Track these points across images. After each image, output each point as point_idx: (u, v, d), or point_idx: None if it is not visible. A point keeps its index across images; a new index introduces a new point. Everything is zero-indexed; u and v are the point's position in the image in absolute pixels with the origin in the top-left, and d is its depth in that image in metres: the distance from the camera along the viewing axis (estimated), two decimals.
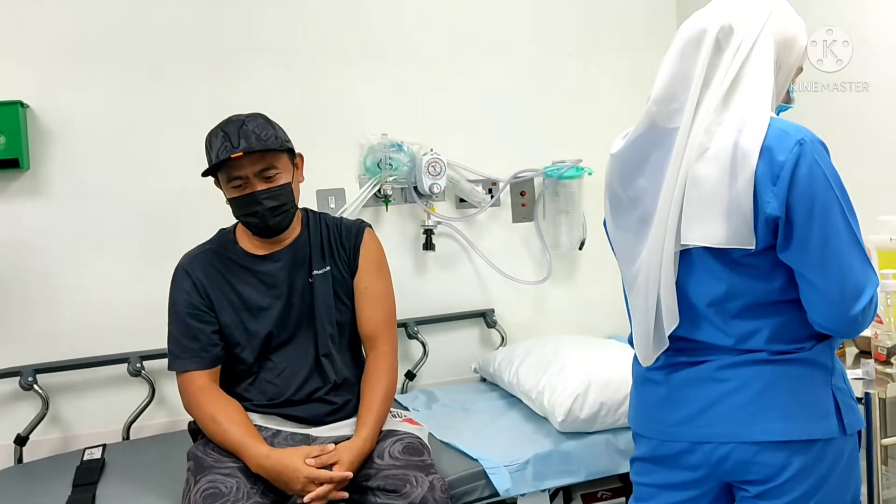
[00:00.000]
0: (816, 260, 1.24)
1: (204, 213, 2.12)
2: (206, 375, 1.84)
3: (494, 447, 2.07)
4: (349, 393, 1.93)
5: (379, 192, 2.65)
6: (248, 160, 1.77)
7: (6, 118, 2.23)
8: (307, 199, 2.43)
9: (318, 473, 1.68)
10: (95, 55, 2.39)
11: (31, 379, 2.26)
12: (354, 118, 2.65)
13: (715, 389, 1.34)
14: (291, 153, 1.89)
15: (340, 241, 1.96)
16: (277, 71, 2.57)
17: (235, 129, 1.78)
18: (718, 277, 1.31)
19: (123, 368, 2.37)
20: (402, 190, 2.70)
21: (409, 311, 2.62)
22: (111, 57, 2.41)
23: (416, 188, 2.66)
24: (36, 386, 2.27)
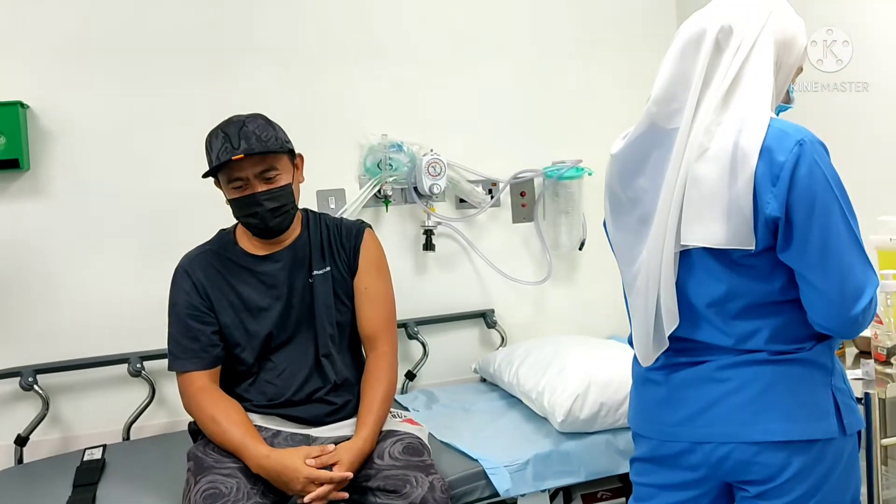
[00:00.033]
0: (817, 260, 1.24)
1: (204, 213, 2.12)
2: (206, 376, 1.84)
3: (494, 447, 2.07)
4: (349, 393, 1.93)
5: (379, 192, 2.65)
6: (248, 162, 1.77)
7: (6, 119, 2.24)
8: (307, 199, 2.42)
9: (318, 474, 1.68)
10: (95, 55, 2.39)
11: (31, 379, 2.27)
12: (354, 118, 2.65)
13: (715, 389, 1.34)
14: (292, 154, 1.89)
15: (340, 241, 1.96)
16: (277, 71, 2.57)
17: (236, 130, 1.78)
18: (718, 278, 1.31)
19: (124, 369, 2.37)
20: (402, 190, 2.70)
21: (409, 311, 2.61)
22: (111, 57, 2.41)
23: (416, 189, 2.65)
24: (36, 386, 2.27)
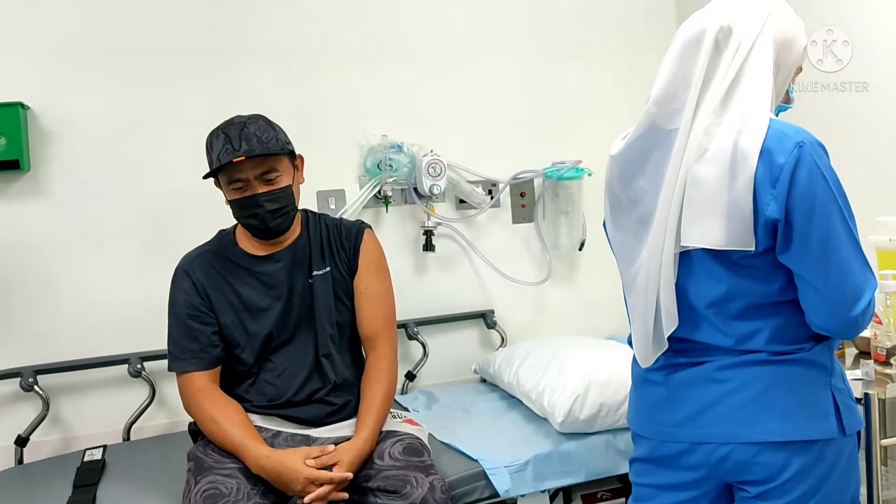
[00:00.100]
0: (816, 262, 1.24)
1: (204, 213, 2.13)
2: (206, 376, 1.84)
3: (494, 448, 2.07)
4: (349, 394, 1.93)
5: (379, 193, 2.65)
6: (249, 163, 1.77)
7: (7, 119, 2.24)
8: (307, 200, 2.42)
9: (318, 474, 1.68)
10: (95, 55, 2.39)
11: (31, 380, 2.27)
12: (354, 118, 2.65)
13: (715, 390, 1.34)
14: (292, 155, 1.89)
15: (340, 241, 1.96)
16: (277, 71, 2.57)
17: (237, 131, 1.78)
18: (718, 279, 1.31)
19: (124, 369, 2.37)
20: (402, 191, 2.70)
21: (409, 311, 2.61)
22: (111, 57, 2.41)
23: (416, 189, 2.65)
24: (36, 387, 2.27)
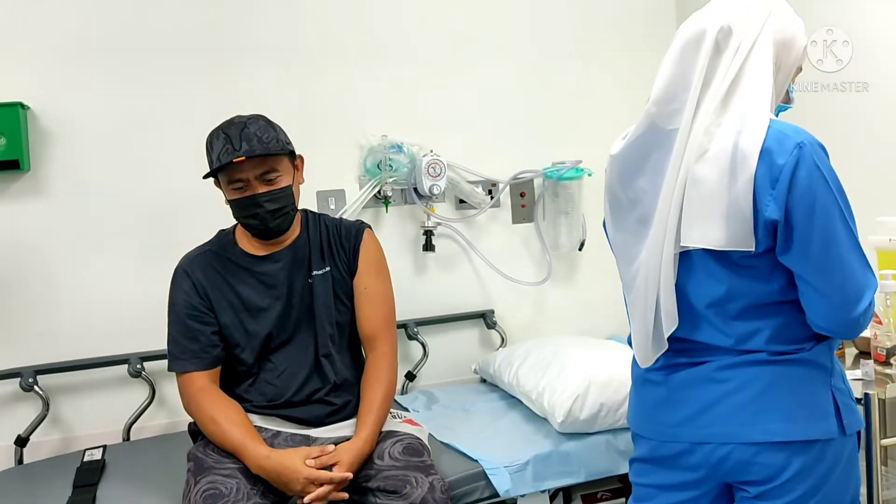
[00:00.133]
0: (817, 263, 1.24)
1: (204, 213, 2.13)
2: (205, 376, 1.84)
3: (494, 448, 2.07)
4: (349, 394, 1.93)
5: (379, 193, 2.65)
6: (249, 163, 1.77)
7: (7, 120, 2.24)
8: (307, 200, 2.42)
9: (317, 474, 1.68)
10: (95, 55, 2.39)
11: (31, 380, 2.27)
12: (354, 118, 2.65)
13: (715, 390, 1.34)
14: (292, 155, 1.89)
15: (340, 241, 1.96)
16: (277, 71, 2.57)
17: (237, 131, 1.78)
18: (718, 279, 1.31)
19: (124, 369, 2.37)
20: (402, 191, 2.70)
21: (408, 311, 2.61)
22: (111, 57, 2.41)
23: (416, 189, 2.65)
24: (36, 387, 2.27)
